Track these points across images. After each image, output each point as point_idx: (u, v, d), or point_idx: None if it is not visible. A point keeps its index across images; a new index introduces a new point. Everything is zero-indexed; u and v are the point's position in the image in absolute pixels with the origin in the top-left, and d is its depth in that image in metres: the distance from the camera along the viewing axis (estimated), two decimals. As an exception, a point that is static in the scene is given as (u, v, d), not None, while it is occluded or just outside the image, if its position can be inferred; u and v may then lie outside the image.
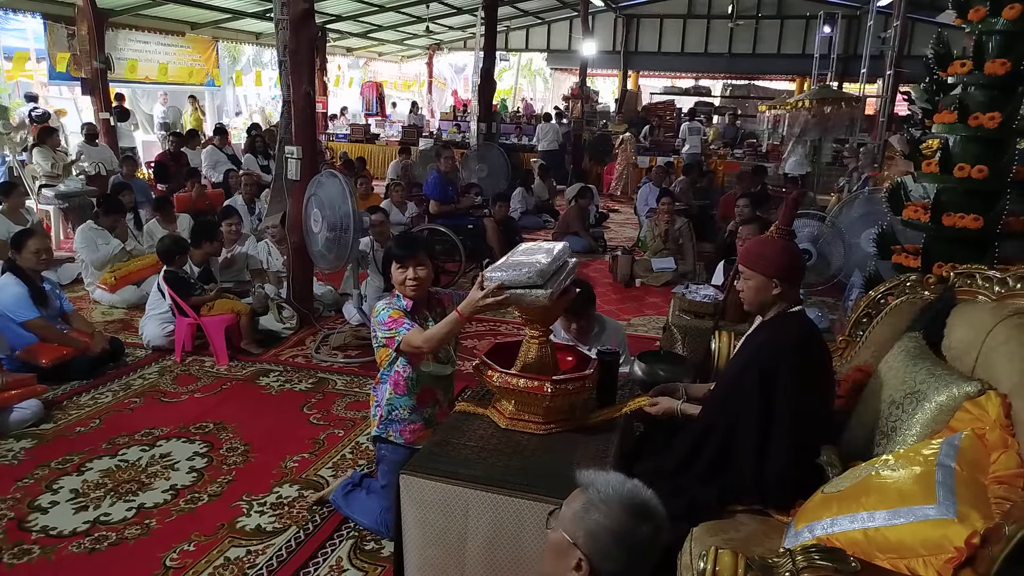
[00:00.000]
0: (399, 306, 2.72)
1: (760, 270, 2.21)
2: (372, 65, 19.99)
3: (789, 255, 2.24)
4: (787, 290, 2.22)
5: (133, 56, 11.50)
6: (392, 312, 2.69)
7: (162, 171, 9.00)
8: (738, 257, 2.35)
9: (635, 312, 5.87)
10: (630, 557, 1.28)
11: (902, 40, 10.59)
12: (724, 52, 17.79)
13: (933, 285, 2.66)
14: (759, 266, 2.21)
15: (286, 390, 4.14)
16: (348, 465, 3.31)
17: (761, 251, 2.24)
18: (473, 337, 5.16)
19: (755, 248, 2.28)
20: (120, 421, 3.70)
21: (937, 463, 1.78)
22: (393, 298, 2.78)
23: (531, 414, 2.45)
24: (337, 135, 14.78)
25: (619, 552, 1.27)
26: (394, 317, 2.67)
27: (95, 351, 4.25)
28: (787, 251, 2.25)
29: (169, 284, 4.58)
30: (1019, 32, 2.87)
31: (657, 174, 9.48)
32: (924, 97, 3.30)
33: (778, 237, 2.28)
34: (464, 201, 7.46)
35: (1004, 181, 2.98)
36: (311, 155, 5.09)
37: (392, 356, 2.70)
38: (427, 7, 14.33)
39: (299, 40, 4.87)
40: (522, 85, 22.83)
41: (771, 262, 2.20)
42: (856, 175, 8.77)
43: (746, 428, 2.08)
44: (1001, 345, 2.04)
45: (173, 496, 3.02)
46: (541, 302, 2.27)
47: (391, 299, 2.77)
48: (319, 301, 5.55)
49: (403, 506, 2.25)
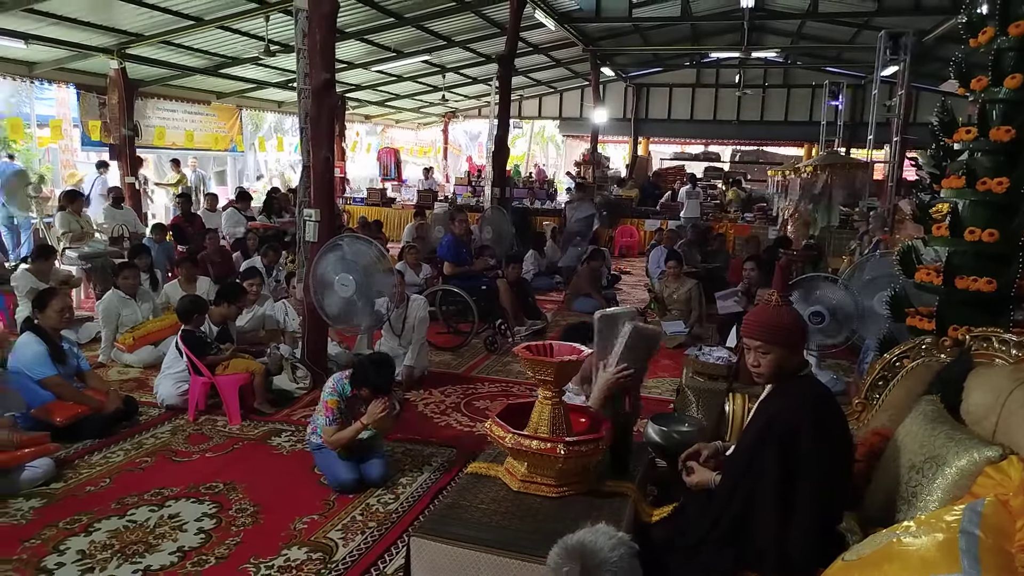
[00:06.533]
0: (343, 394, 3.53)
1: (780, 342, 2.14)
2: (389, 131, 20.56)
3: (799, 321, 2.24)
4: (799, 356, 2.21)
5: (161, 124, 11.93)
6: (330, 400, 3.53)
7: (180, 233, 9.22)
8: (746, 330, 2.25)
9: (648, 374, 5.83)
10: None
11: (907, 108, 10.80)
12: (733, 119, 18.18)
13: (949, 348, 2.65)
14: (778, 338, 2.14)
15: (297, 450, 4.12)
16: (358, 528, 3.26)
17: (777, 322, 2.16)
18: (485, 397, 5.14)
19: (767, 319, 2.19)
20: (130, 480, 3.68)
21: (960, 530, 1.74)
22: (346, 381, 3.55)
23: (544, 476, 2.42)
24: (354, 199, 15.10)
25: None
26: (330, 406, 3.52)
27: (109, 410, 4.27)
28: (797, 318, 2.25)
29: (186, 343, 4.63)
30: (1021, 100, 2.94)
31: (668, 237, 9.57)
32: (931, 163, 3.35)
33: (782, 304, 2.26)
34: (478, 263, 7.54)
35: (1016, 245, 2.99)
36: (329, 218, 5.21)
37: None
38: (443, 77, 14.85)
39: (320, 108, 5.05)
40: (535, 151, 23.34)
41: (789, 332, 2.15)
42: (867, 238, 8.80)
43: (766, 497, 2.03)
44: (1021, 409, 2.02)
45: (180, 558, 2.98)
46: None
47: (343, 382, 3.56)
48: (333, 361, 5.57)
49: (413, 569, 2.21)
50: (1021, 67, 2.89)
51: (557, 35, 12.68)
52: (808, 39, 14.45)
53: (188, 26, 9.12)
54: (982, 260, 3.06)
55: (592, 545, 1.59)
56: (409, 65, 13.44)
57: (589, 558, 1.56)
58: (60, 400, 4.15)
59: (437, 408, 4.91)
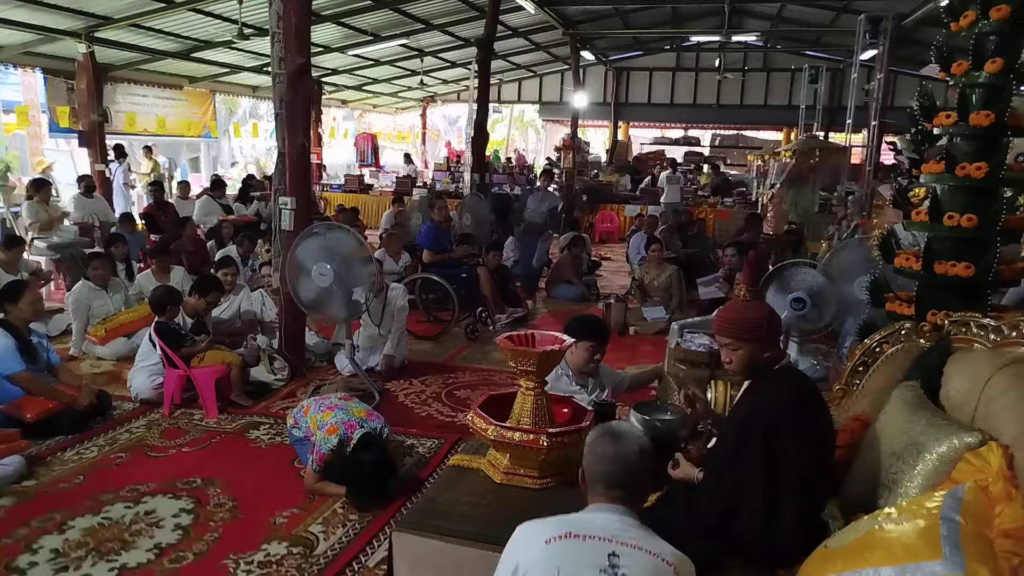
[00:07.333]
0: (338, 452, 3.34)
1: (748, 338, 2.16)
2: (366, 116, 20.33)
3: (769, 315, 2.23)
4: (774, 350, 2.20)
5: (131, 109, 11.66)
6: (325, 452, 3.34)
7: (152, 223, 9.05)
8: (715, 328, 2.26)
9: (629, 360, 5.84)
10: (598, 461, 1.75)
11: (885, 92, 10.86)
12: (712, 103, 18.21)
13: (928, 333, 2.66)
14: (746, 334, 2.16)
15: (276, 443, 4.06)
16: (339, 521, 3.22)
17: (744, 318, 2.18)
18: (466, 387, 5.11)
19: (735, 316, 2.20)
20: (105, 477, 3.61)
21: (941, 516, 1.74)
22: (347, 445, 3.36)
23: (527, 468, 2.40)
24: (331, 186, 14.92)
25: (591, 459, 1.77)
26: (323, 455, 3.34)
27: (82, 405, 4.17)
28: (766, 311, 2.24)
29: (160, 336, 4.54)
30: (1001, 85, 2.94)
31: (648, 222, 9.57)
32: (911, 147, 3.35)
33: (751, 299, 2.26)
34: (459, 251, 7.48)
35: (994, 230, 3.01)
36: (305, 206, 5.13)
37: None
38: (421, 61, 14.67)
39: (295, 93, 4.95)
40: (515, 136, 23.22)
41: (757, 328, 2.16)
42: (845, 223, 8.87)
43: (750, 492, 2.02)
44: (1000, 395, 2.03)
45: (157, 556, 2.92)
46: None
47: (347, 443, 3.36)
48: (311, 351, 5.50)
49: (395, 563, 2.19)
50: (1002, 51, 2.89)
51: (537, 18, 12.56)
52: (788, 22, 14.46)
53: (159, 8, 8.88)
54: (961, 245, 3.08)
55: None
56: (387, 49, 13.25)
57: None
58: (30, 396, 4.06)
59: (418, 398, 4.88)
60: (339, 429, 3.36)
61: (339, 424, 3.38)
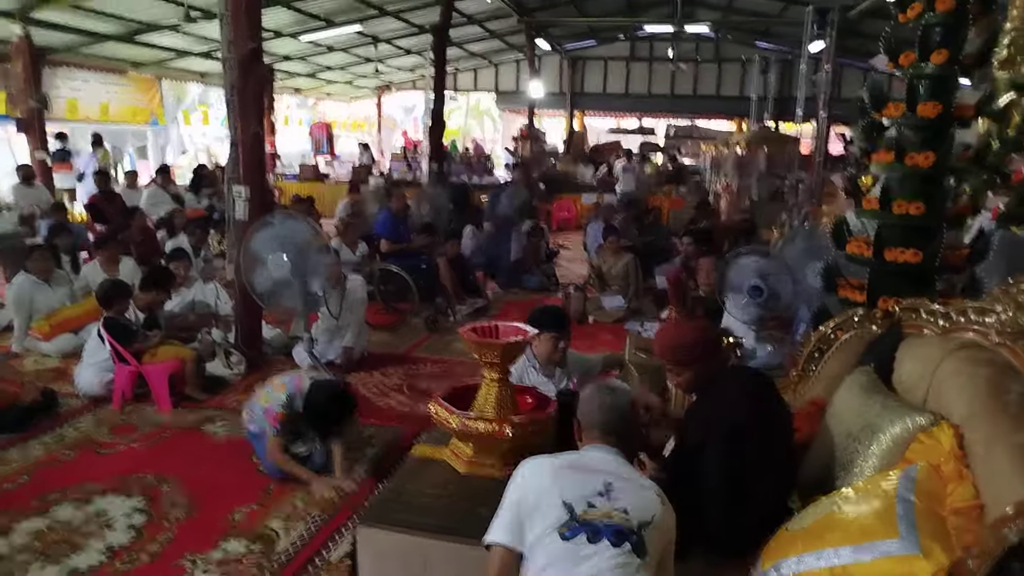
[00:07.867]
0: (293, 409, 3.36)
1: (687, 361, 2.27)
2: (321, 105, 19.94)
3: (702, 333, 2.32)
4: (716, 359, 2.26)
5: (72, 95, 11.18)
6: (280, 412, 3.36)
7: (97, 213, 8.70)
8: (658, 354, 2.39)
9: (589, 348, 5.84)
10: (597, 410, 1.94)
11: (833, 83, 11.12)
12: (667, 93, 18.41)
13: (880, 320, 2.74)
14: (685, 358, 2.27)
15: (233, 436, 3.96)
16: (300, 516, 3.17)
17: (679, 344, 2.29)
18: (427, 377, 5.07)
19: (670, 342, 2.31)
20: (51, 476, 3.47)
21: (896, 497, 1.80)
22: (300, 398, 3.37)
23: (491, 458, 2.39)
24: (286, 175, 14.60)
25: (590, 408, 1.95)
26: (279, 418, 3.35)
27: (25, 401, 4.01)
28: (698, 330, 2.33)
29: (109, 331, 4.37)
30: (947, 76, 3.03)
31: (604, 211, 9.63)
32: (862, 137, 3.44)
33: (681, 320, 2.33)
34: (417, 240, 7.40)
35: (940, 217, 3.11)
36: (260, 196, 4.99)
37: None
38: (376, 48, 14.43)
39: (246, 80, 4.81)
40: (471, 125, 23.07)
41: (692, 349, 2.26)
42: (796, 210, 9.08)
43: (715, 494, 2.04)
44: (950, 378, 2.10)
45: (109, 557, 2.83)
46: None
47: (297, 399, 3.37)
48: (268, 345, 5.38)
49: (360, 559, 2.16)
50: (947, 43, 2.98)
51: (492, 6, 12.46)
52: (739, 13, 14.67)
53: (99, -12, 8.54)
54: (909, 232, 3.17)
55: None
56: (340, 35, 12.98)
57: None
58: (-31, 394, 3.88)
59: (378, 389, 4.82)
60: (286, 386, 3.44)
61: (286, 382, 3.48)
